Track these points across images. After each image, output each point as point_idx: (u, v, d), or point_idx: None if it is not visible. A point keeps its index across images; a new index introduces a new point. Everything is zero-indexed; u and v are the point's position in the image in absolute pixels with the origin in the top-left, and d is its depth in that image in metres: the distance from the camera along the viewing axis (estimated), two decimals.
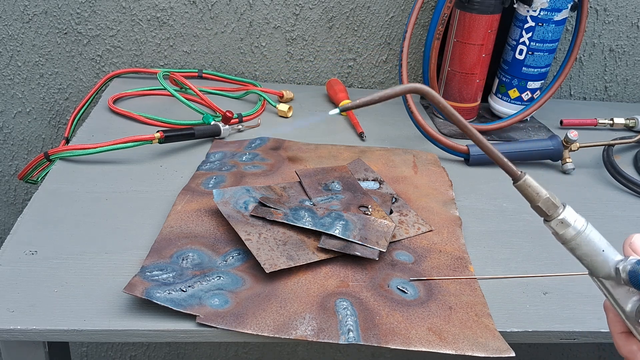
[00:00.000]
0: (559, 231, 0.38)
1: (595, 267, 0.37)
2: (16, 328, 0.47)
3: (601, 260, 0.37)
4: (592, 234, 0.37)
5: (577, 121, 0.96)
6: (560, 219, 0.37)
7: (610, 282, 0.37)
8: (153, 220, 0.62)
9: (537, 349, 1.38)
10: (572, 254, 0.38)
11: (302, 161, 0.75)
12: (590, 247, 0.37)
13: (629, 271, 0.35)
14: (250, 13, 0.97)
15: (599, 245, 0.37)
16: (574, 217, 0.37)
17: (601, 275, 0.37)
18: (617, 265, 0.36)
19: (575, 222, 0.37)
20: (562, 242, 0.38)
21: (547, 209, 0.38)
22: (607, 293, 0.37)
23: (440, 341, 0.49)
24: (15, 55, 0.98)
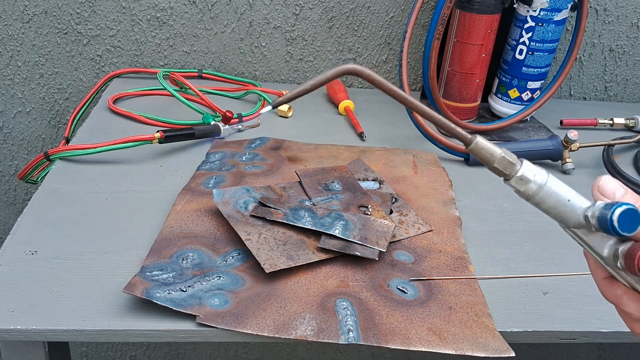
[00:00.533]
0: (520, 188, 0.36)
1: (564, 218, 0.36)
2: (16, 328, 0.47)
3: (569, 210, 0.35)
4: (555, 185, 0.36)
5: (577, 121, 0.96)
6: (519, 176, 0.36)
7: (582, 231, 0.36)
8: (153, 220, 0.62)
9: (537, 349, 1.38)
10: (539, 208, 0.37)
11: (302, 161, 0.75)
12: (555, 199, 0.36)
13: (597, 217, 0.34)
14: (250, 13, 0.97)
15: (564, 196, 0.35)
16: (533, 171, 0.36)
17: (572, 225, 0.36)
18: (586, 213, 0.35)
19: (535, 177, 0.36)
20: (526, 199, 0.37)
21: (504, 168, 0.36)
22: (582, 242, 0.36)
23: (440, 341, 0.49)
24: (15, 55, 0.98)
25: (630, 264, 0.33)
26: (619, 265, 0.34)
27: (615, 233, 0.33)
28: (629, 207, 0.32)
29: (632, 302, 0.36)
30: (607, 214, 0.33)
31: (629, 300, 0.36)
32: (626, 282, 0.36)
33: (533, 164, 0.36)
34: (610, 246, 0.35)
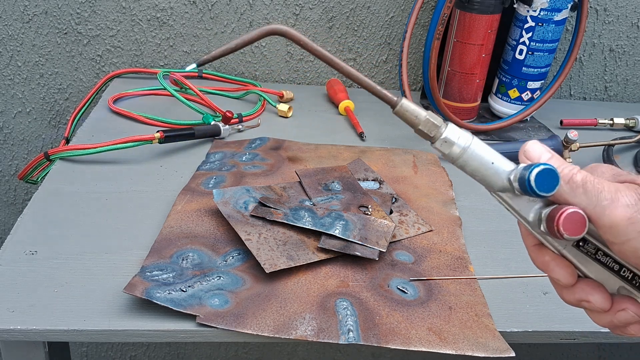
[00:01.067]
0: (444, 151, 0.36)
1: (488, 182, 0.36)
2: (16, 328, 0.47)
3: (492, 173, 0.35)
4: (479, 148, 0.36)
5: (577, 121, 0.96)
6: (443, 138, 0.36)
7: (508, 195, 0.36)
8: (153, 220, 0.62)
9: (537, 349, 1.38)
10: (464, 172, 0.37)
11: (302, 161, 0.75)
12: (479, 161, 0.36)
13: (518, 178, 0.34)
14: (250, 13, 0.97)
15: (488, 159, 0.36)
16: (457, 134, 0.36)
17: (497, 189, 0.36)
18: (509, 176, 0.35)
19: (459, 139, 0.36)
20: (451, 162, 0.37)
21: (428, 131, 0.37)
22: (508, 207, 0.36)
23: (440, 341, 0.49)
24: (15, 55, 0.98)
25: (551, 226, 0.33)
26: (542, 229, 0.35)
27: (533, 193, 0.33)
28: (546, 167, 0.32)
29: (560, 268, 0.36)
30: (525, 175, 0.33)
31: (556, 266, 0.36)
32: (554, 249, 0.36)
33: (459, 127, 0.37)
34: (535, 210, 0.35)
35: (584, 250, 0.36)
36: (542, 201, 0.35)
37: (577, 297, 0.36)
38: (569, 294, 0.37)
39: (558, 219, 0.33)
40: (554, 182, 0.32)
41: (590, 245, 0.35)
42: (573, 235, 0.33)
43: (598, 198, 0.32)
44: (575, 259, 0.36)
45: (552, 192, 0.33)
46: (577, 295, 0.36)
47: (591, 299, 0.35)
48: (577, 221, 0.33)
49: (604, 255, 0.36)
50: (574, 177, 0.33)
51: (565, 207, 0.33)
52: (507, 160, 0.36)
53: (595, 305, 0.35)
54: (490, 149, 0.36)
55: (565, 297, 0.37)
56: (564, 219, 0.32)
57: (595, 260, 0.36)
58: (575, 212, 0.33)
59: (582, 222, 0.33)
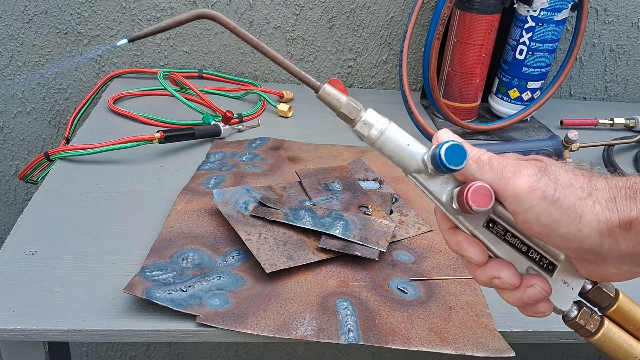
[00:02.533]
0: (364, 132, 0.39)
1: (404, 163, 0.38)
2: (16, 328, 0.47)
3: (408, 154, 0.38)
4: (395, 131, 0.38)
5: (577, 121, 0.96)
6: (363, 120, 0.39)
7: (422, 176, 0.38)
8: (153, 220, 0.62)
9: (537, 349, 1.38)
10: (382, 154, 0.39)
11: (302, 161, 0.75)
12: (395, 143, 0.38)
13: (430, 156, 0.36)
14: (250, 13, 0.97)
15: (403, 141, 0.38)
16: (375, 117, 0.39)
17: (412, 170, 0.38)
18: (423, 157, 0.37)
19: (377, 122, 0.38)
20: (370, 144, 0.39)
21: (349, 113, 0.39)
22: (423, 187, 0.38)
23: (440, 341, 0.49)
24: (16, 55, 0.98)
25: (461, 201, 0.36)
26: (454, 207, 0.37)
27: (444, 167, 0.35)
28: (454, 143, 0.35)
29: (472, 247, 0.38)
30: (436, 151, 0.35)
31: (468, 245, 0.38)
32: (466, 229, 0.38)
33: (378, 113, 0.39)
34: (447, 191, 0.38)
35: (494, 231, 0.38)
36: (453, 182, 0.38)
37: (489, 275, 0.38)
38: (481, 273, 0.39)
39: (467, 193, 0.35)
40: (462, 156, 0.35)
41: (500, 226, 0.38)
42: (481, 207, 0.35)
43: (502, 172, 0.35)
44: (486, 239, 0.38)
45: (461, 165, 0.35)
46: (489, 272, 0.38)
47: (501, 275, 0.38)
48: (484, 194, 0.35)
49: (512, 237, 0.38)
50: (481, 156, 0.36)
51: (473, 182, 0.36)
52: (421, 144, 0.38)
53: (505, 281, 0.38)
54: (406, 133, 0.39)
55: (477, 276, 0.39)
56: (472, 192, 0.35)
57: (504, 241, 0.38)
58: (482, 185, 0.35)
59: (489, 195, 0.35)
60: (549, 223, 0.34)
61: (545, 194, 0.34)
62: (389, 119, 0.39)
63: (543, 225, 0.34)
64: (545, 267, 0.39)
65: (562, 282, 0.39)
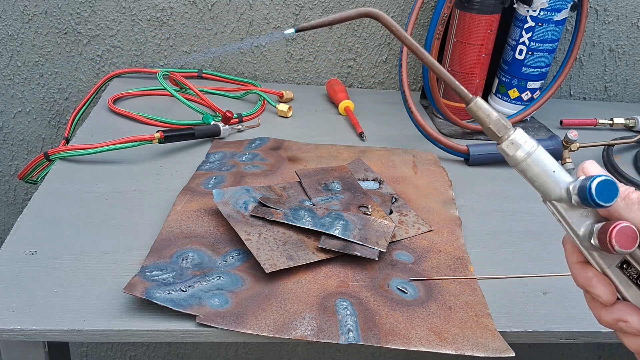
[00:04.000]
0: (509, 152, 0.38)
1: (546, 189, 0.37)
2: (16, 328, 0.47)
3: (552, 181, 0.37)
4: (543, 155, 0.38)
5: (577, 121, 0.96)
6: (511, 139, 0.38)
7: (562, 205, 0.37)
8: (153, 220, 0.62)
9: (537, 349, 1.38)
10: (524, 177, 0.38)
11: (302, 161, 0.75)
12: (541, 168, 0.37)
13: (578, 187, 0.35)
14: (250, 13, 0.97)
15: (550, 167, 0.37)
16: (524, 138, 0.38)
17: (553, 198, 0.37)
18: (568, 186, 0.36)
19: (525, 144, 0.38)
20: (513, 165, 0.39)
21: (497, 130, 0.39)
22: (561, 217, 0.37)
23: (440, 341, 0.49)
24: (15, 55, 0.98)
25: (603, 239, 0.35)
26: (592, 243, 0.36)
27: (592, 202, 0.34)
28: (607, 178, 0.34)
29: (602, 285, 0.37)
30: (586, 184, 0.34)
31: (599, 283, 0.37)
32: (598, 267, 0.37)
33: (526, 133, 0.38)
34: (586, 225, 0.37)
35: (627, 273, 0.37)
36: (593, 217, 0.37)
37: (615, 317, 0.37)
38: (607, 313, 0.37)
39: (611, 231, 0.34)
40: (613, 193, 0.34)
41: (633, 269, 0.37)
42: (624, 249, 0.34)
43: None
44: (617, 280, 0.37)
45: (611, 202, 0.34)
46: (615, 314, 0.37)
47: (629, 319, 0.36)
48: (630, 235, 0.34)
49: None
50: (630, 194, 0.35)
51: (619, 222, 0.34)
52: (567, 173, 0.37)
53: (632, 325, 0.36)
54: (552, 159, 0.38)
55: (601, 316, 0.38)
56: (617, 232, 0.34)
57: (636, 284, 0.37)
58: (629, 226, 0.34)
59: (634, 237, 0.34)
60: None
61: None
62: (537, 142, 0.38)
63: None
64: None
65: None
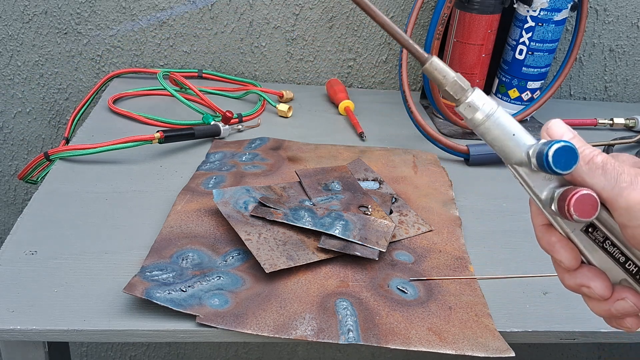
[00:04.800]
0: (467, 115, 0.36)
1: (506, 153, 0.36)
2: (16, 328, 0.47)
3: (512, 145, 0.35)
4: (503, 118, 0.36)
5: (577, 121, 0.96)
6: (468, 102, 0.36)
7: (524, 169, 0.35)
8: (153, 220, 0.62)
9: (537, 349, 1.38)
10: (484, 140, 0.37)
11: (302, 161, 0.75)
12: (500, 130, 0.35)
13: (537, 153, 0.33)
14: (250, 13, 0.97)
15: (510, 129, 0.35)
16: (482, 100, 0.36)
17: (514, 162, 0.35)
18: (528, 150, 0.34)
19: (483, 106, 0.36)
20: (472, 128, 0.37)
21: (454, 93, 0.37)
22: (523, 181, 0.36)
23: (440, 341, 0.49)
24: (15, 55, 0.98)
25: (562, 206, 0.33)
26: (553, 209, 0.34)
27: (549, 169, 0.32)
28: (566, 144, 0.32)
29: (565, 251, 0.35)
30: (544, 149, 0.33)
31: (561, 248, 0.36)
32: (562, 230, 0.36)
33: (485, 95, 0.36)
34: (549, 189, 0.35)
35: (592, 237, 0.35)
36: (557, 180, 0.35)
37: (578, 282, 0.36)
38: (570, 278, 0.36)
39: (570, 199, 0.32)
40: (572, 160, 0.32)
41: (599, 232, 0.35)
42: (583, 218, 0.32)
43: (617, 180, 0.32)
44: (582, 244, 0.35)
45: (569, 170, 0.32)
46: (579, 279, 0.36)
47: (592, 285, 0.35)
48: (589, 203, 0.32)
49: (611, 245, 0.35)
50: (594, 158, 0.33)
51: (579, 189, 0.32)
52: (529, 135, 0.35)
53: (595, 291, 0.35)
54: (514, 121, 0.36)
55: (565, 281, 0.37)
56: (576, 200, 0.32)
57: (601, 248, 0.35)
58: (588, 194, 0.32)
59: (594, 205, 0.32)
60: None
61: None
62: (497, 104, 0.36)
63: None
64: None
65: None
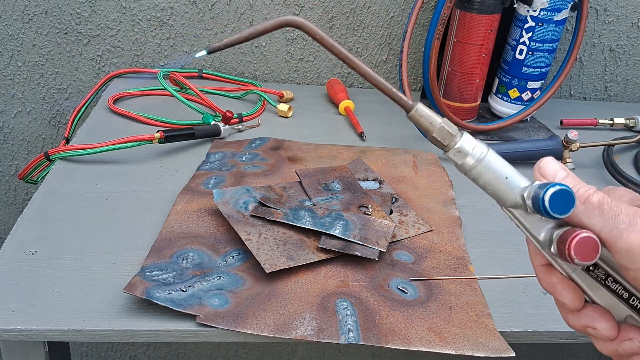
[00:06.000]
0: (458, 161, 0.35)
1: (500, 197, 0.34)
2: (16, 328, 0.47)
3: (505, 188, 0.34)
4: (494, 160, 0.34)
5: (577, 121, 0.96)
6: (457, 147, 0.35)
7: (519, 212, 0.34)
8: (153, 220, 0.62)
9: (537, 349, 1.38)
10: (477, 184, 0.35)
11: (302, 161, 0.75)
12: (492, 174, 0.34)
13: (532, 197, 0.32)
14: (250, 13, 0.97)
15: (502, 172, 0.34)
16: (472, 144, 0.35)
17: (509, 205, 0.34)
18: (523, 192, 0.33)
19: (473, 150, 0.35)
20: (464, 173, 0.36)
21: (442, 139, 0.36)
22: (519, 223, 0.35)
23: (440, 341, 0.49)
24: (15, 55, 0.98)
25: (562, 249, 0.32)
26: (552, 251, 0.33)
27: (546, 214, 0.31)
28: (562, 188, 0.31)
29: (567, 292, 0.35)
30: (540, 193, 0.31)
31: (563, 289, 0.35)
32: (562, 271, 0.35)
33: (474, 138, 0.35)
34: (547, 230, 0.34)
35: (594, 275, 0.34)
36: (554, 221, 0.34)
37: (583, 323, 0.35)
38: (575, 319, 0.36)
39: (570, 242, 0.31)
40: (569, 204, 0.31)
41: (601, 270, 0.34)
42: (584, 261, 0.31)
43: (615, 221, 0.31)
44: (584, 283, 0.35)
45: (567, 214, 0.31)
46: (583, 321, 0.35)
47: (597, 326, 0.34)
48: (590, 246, 0.31)
49: (613, 282, 0.34)
50: (590, 197, 0.32)
51: (578, 231, 0.31)
52: (521, 176, 0.35)
53: (600, 332, 0.34)
54: (505, 163, 0.35)
55: (570, 322, 0.36)
56: (576, 244, 0.31)
57: (604, 286, 0.34)
58: (589, 236, 0.31)
59: (595, 248, 0.31)
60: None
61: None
62: (487, 146, 0.35)
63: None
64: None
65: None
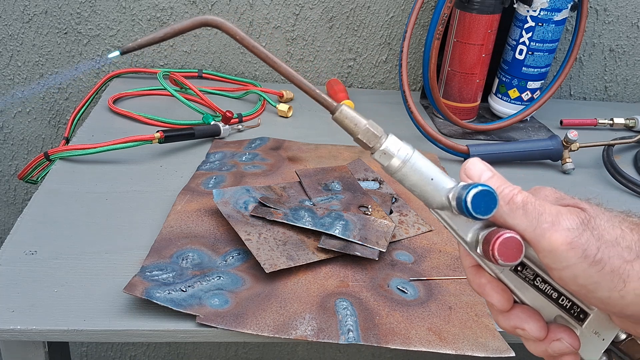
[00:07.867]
0: (383, 163, 0.35)
1: (427, 198, 0.34)
2: (16, 328, 0.47)
3: (431, 189, 0.34)
4: (420, 162, 0.34)
5: (577, 121, 0.96)
6: (383, 149, 0.35)
7: (446, 213, 0.34)
8: (153, 220, 0.62)
9: None
10: (403, 186, 0.35)
11: (302, 161, 0.75)
12: (418, 176, 0.34)
13: (456, 198, 0.32)
14: (250, 13, 0.97)
15: (428, 174, 0.34)
16: (397, 146, 0.35)
17: (435, 206, 0.34)
18: (448, 194, 0.33)
19: (399, 151, 0.34)
20: (390, 175, 0.35)
21: (367, 141, 0.35)
22: (447, 225, 0.34)
23: (440, 341, 0.49)
24: (15, 55, 0.98)
25: (486, 250, 0.32)
26: (479, 252, 0.33)
27: (469, 215, 0.31)
28: (484, 189, 0.31)
29: (495, 293, 0.34)
30: (463, 194, 0.31)
31: (492, 290, 0.34)
32: (491, 271, 0.34)
33: (400, 140, 0.35)
34: (474, 231, 0.34)
35: (522, 275, 0.34)
36: (480, 222, 0.33)
37: (512, 324, 0.35)
38: (504, 320, 0.35)
39: (493, 243, 0.31)
40: (491, 205, 0.31)
41: (529, 270, 0.34)
42: (508, 261, 0.31)
43: (538, 220, 0.31)
44: (512, 283, 0.34)
45: (489, 215, 0.31)
46: (512, 321, 0.35)
47: (526, 327, 0.34)
48: (513, 247, 0.31)
49: (542, 282, 0.34)
50: (514, 197, 0.32)
51: (502, 232, 0.31)
52: (447, 177, 0.34)
53: (529, 333, 0.34)
54: (431, 164, 0.35)
55: (500, 323, 0.36)
56: (500, 244, 0.31)
57: (532, 286, 0.34)
58: (512, 237, 0.31)
59: (518, 248, 0.31)
60: (587, 285, 0.30)
61: (586, 253, 0.30)
62: (412, 148, 0.35)
63: (580, 286, 0.31)
64: (576, 315, 0.35)
65: (593, 333, 0.35)
